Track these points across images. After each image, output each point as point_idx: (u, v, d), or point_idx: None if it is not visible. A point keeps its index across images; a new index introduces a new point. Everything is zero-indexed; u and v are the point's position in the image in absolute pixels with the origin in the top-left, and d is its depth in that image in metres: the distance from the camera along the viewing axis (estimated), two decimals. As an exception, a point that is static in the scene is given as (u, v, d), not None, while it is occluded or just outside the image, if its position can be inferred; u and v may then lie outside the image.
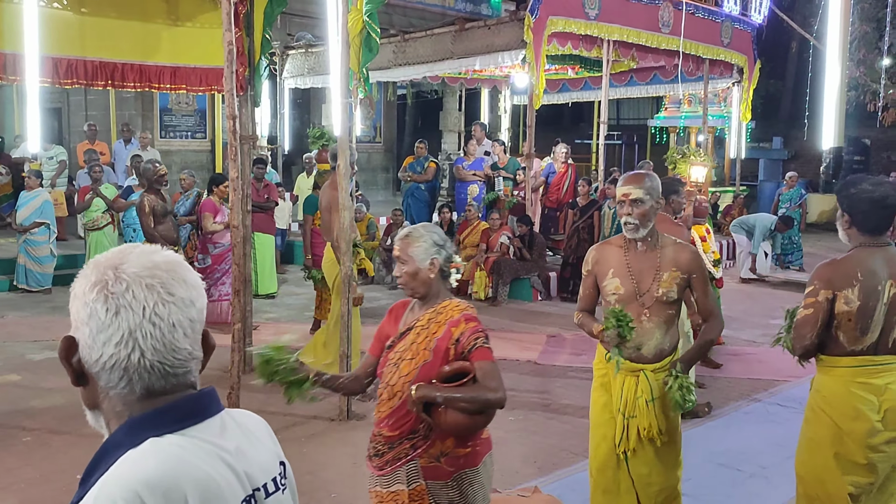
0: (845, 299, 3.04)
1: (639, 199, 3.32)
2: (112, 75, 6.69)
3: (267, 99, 14.01)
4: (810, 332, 3.10)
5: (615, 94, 15.32)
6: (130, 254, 1.24)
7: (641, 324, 3.35)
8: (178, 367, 1.23)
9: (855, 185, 3.15)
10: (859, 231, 3.16)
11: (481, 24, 10.67)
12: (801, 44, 20.94)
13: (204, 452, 1.20)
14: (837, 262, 3.15)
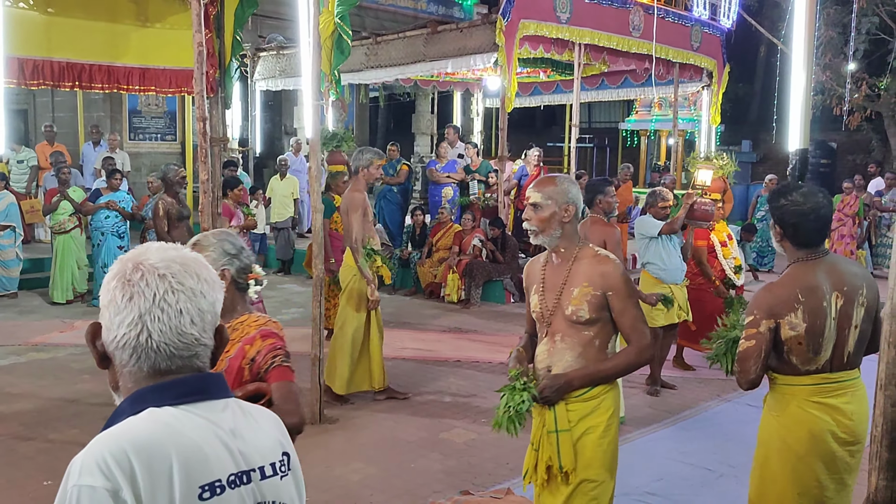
0: (790, 325, 2.87)
1: (537, 204, 3.02)
2: (79, 76, 6.61)
3: (238, 101, 13.91)
4: (754, 364, 2.91)
5: (587, 98, 15.41)
6: (150, 249, 1.39)
7: (554, 345, 3.06)
8: (182, 350, 1.35)
9: (785, 196, 2.98)
10: (793, 245, 3.00)
11: (453, 27, 10.68)
12: (769, 48, 21.22)
13: (197, 425, 1.32)
14: (775, 287, 2.96)
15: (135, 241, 9.89)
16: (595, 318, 2.98)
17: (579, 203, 3.04)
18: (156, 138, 15.19)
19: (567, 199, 3.01)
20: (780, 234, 3.00)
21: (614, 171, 23.69)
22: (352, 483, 4.76)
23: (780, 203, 2.97)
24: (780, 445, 2.99)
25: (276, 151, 15.87)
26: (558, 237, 3.03)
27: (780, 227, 2.99)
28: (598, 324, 3.00)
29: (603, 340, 3.03)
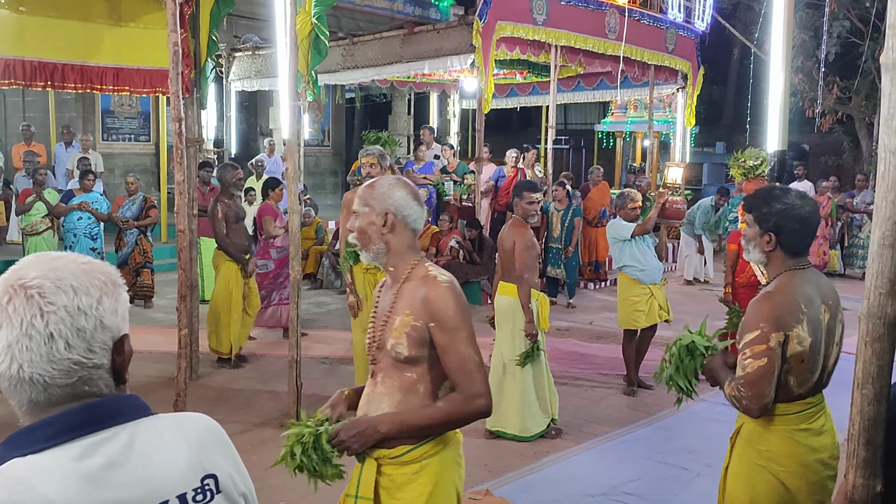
0: (798, 338, 2.58)
1: (354, 212, 2.49)
2: (52, 76, 6.51)
3: (213, 102, 13.80)
4: (769, 386, 2.58)
5: (563, 99, 15.47)
6: (29, 264, 1.24)
7: (375, 388, 2.47)
8: (59, 378, 1.21)
9: (781, 200, 2.72)
10: (786, 253, 2.73)
11: (430, 28, 10.67)
12: (742, 51, 21.44)
13: (55, 475, 1.16)
14: (776, 295, 2.65)
15: (109, 244, 9.78)
16: (416, 357, 2.36)
17: (405, 210, 2.42)
18: (129, 139, 15.03)
19: (386, 205, 2.41)
20: (774, 242, 2.72)
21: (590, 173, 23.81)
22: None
23: (776, 208, 2.71)
24: (769, 488, 2.69)
25: (252, 152, 15.76)
26: (383, 252, 2.44)
27: (774, 235, 2.71)
28: (422, 364, 2.38)
29: (429, 386, 2.39)
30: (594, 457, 5.25)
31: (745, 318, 2.68)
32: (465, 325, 2.35)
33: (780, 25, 5.07)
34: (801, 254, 2.76)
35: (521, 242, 5.40)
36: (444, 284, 2.36)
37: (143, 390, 6.29)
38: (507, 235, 5.51)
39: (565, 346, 8.16)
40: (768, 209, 2.72)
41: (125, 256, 9.39)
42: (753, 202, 2.82)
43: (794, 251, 2.73)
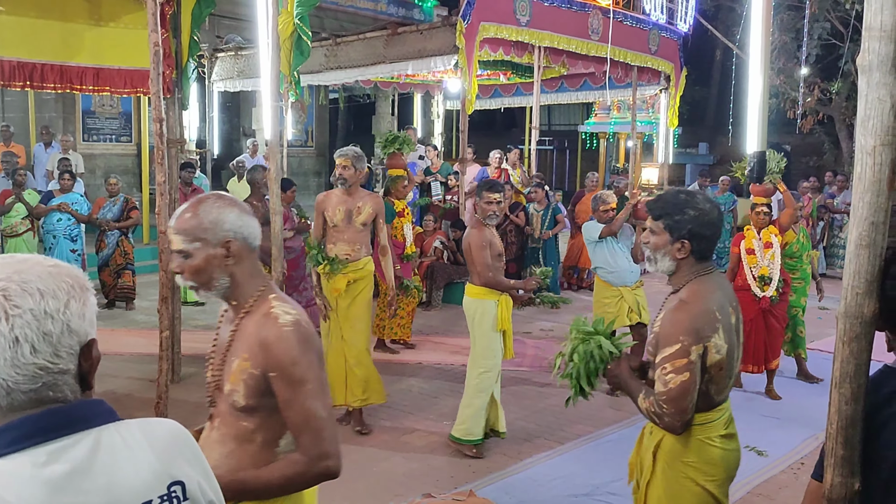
0: (715, 347, 2.53)
1: (182, 251, 2.07)
2: (31, 76, 6.45)
3: (195, 102, 13.72)
4: (691, 401, 2.52)
5: (546, 100, 15.51)
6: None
7: (210, 433, 2.19)
8: (24, 384, 1.18)
9: (693, 206, 2.61)
10: (696, 259, 2.65)
11: (413, 29, 10.67)
12: (724, 52, 21.58)
13: (16, 480, 1.13)
14: (692, 305, 2.56)
15: (90, 245, 9.71)
16: (254, 406, 2.06)
17: (245, 231, 2.12)
18: (110, 139, 14.91)
19: (223, 231, 2.07)
20: (686, 249, 2.62)
21: (574, 173, 23.91)
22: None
23: (690, 214, 2.60)
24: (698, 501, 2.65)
25: (234, 153, 15.69)
26: (227, 287, 2.11)
27: (688, 242, 2.61)
28: (261, 412, 2.07)
29: (267, 435, 2.09)
30: (577, 457, 5.26)
31: (663, 331, 2.56)
32: (310, 375, 2.00)
33: (759, 26, 5.11)
34: (709, 258, 2.69)
35: (475, 242, 5.27)
36: (287, 327, 2.01)
37: (125, 393, 6.24)
38: (465, 237, 5.42)
39: (549, 346, 8.18)
40: (681, 216, 2.60)
41: (106, 258, 9.33)
42: (663, 209, 2.65)
43: (704, 256, 2.65)
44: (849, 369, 2.01)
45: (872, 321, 2.00)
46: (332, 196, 5.70)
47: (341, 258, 5.58)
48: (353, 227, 5.60)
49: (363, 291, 5.70)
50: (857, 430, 1.99)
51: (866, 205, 1.96)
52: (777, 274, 6.44)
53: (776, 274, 6.44)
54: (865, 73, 1.94)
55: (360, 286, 5.69)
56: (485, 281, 5.27)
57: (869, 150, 1.94)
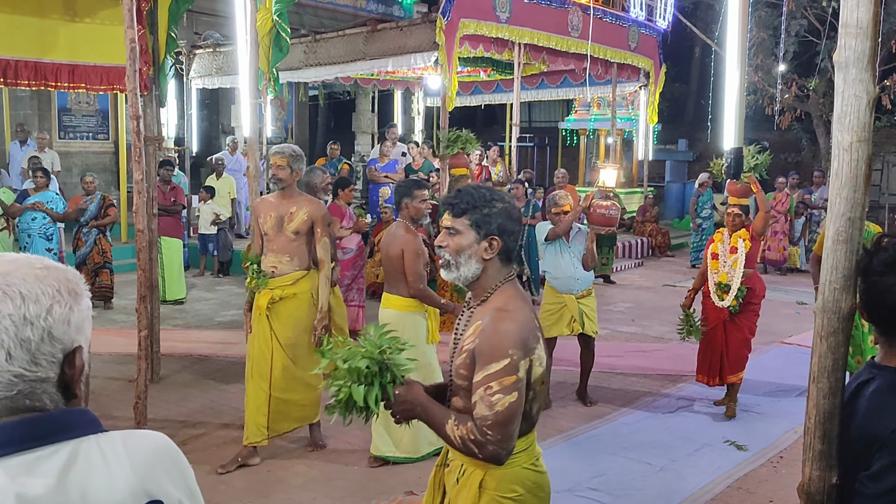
0: (539, 359, 2.22)
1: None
2: (4, 72, 6.35)
3: (174, 99, 13.62)
4: (518, 425, 2.18)
5: (527, 97, 15.53)
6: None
7: None
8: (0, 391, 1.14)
9: (498, 198, 2.32)
10: (503, 261, 2.32)
11: (393, 26, 10.64)
12: (703, 49, 21.69)
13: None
14: (516, 313, 2.22)
15: (68, 243, 9.61)
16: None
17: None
18: (87, 137, 14.76)
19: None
20: (495, 247, 2.28)
21: (554, 170, 23.92)
22: (294, 487, 4.69)
23: (498, 207, 2.29)
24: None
25: (214, 150, 15.57)
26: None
27: (498, 239, 2.28)
28: None
29: None
30: (558, 453, 5.27)
31: (485, 345, 2.16)
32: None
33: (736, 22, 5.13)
34: (512, 261, 2.37)
35: (410, 249, 4.82)
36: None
37: (104, 393, 6.18)
38: (392, 241, 4.91)
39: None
40: (490, 209, 2.27)
41: (84, 256, 9.23)
42: (468, 203, 2.29)
43: (509, 258, 2.34)
44: (826, 364, 2.02)
45: (850, 316, 2.01)
46: (266, 200, 5.14)
47: (267, 271, 4.96)
48: (283, 236, 4.94)
49: (296, 313, 4.96)
50: (834, 424, 2.01)
51: (843, 200, 1.97)
52: (737, 282, 5.94)
53: (736, 282, 5.94)
54: (842, 69, 1.95)
55: (291, 307, 4.95)
56: (415, 293, 4.85)
57: (846, 147, 1.95)
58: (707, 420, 6.01)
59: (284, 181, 4.96)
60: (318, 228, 5.01)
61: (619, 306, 10.08)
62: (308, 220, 4.96)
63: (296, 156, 5.03)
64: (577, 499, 4.59)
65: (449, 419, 2.22)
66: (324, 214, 5.09)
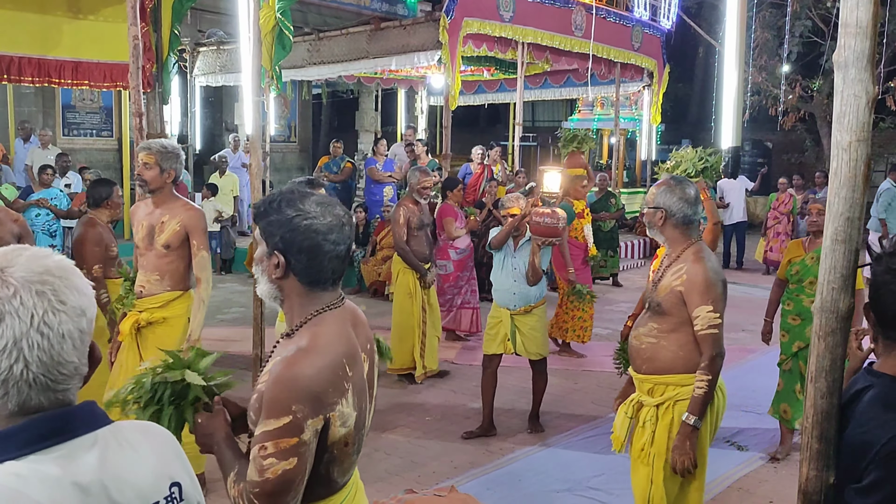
0: (342, 419, 1.84)
1: None
2: (8, 69, 6.39)
3: (177, 97, 13.63)
4: (295, 497, 1.81)
5: (530, 97, 15.53)
6: (20, 256, 1.15)
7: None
8: (60, 383, 1.15)
9: (292, 205, 1.90)
10: (305, 285, 1.91)
11: (397, 24, 10.64)
12: (707, 49, 21.67)
13: (47, 480, 1.10)
14: (316, 358, 1.81)
15: (70, 240, 9.63)
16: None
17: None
18: (91, 134, 14.79)
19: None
20: (281, 267, 1.90)
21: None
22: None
23: (285, 215, 1.89)
24: None
25: (217, 148, 15.60)
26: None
27: (283, 255, 1.89)
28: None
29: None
30: (559, 452, 5.27)
31: (269, 392, 1.78)
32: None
33: (734, 22, 5.14)
34: (327, 286, 1.94)
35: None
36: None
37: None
38: None
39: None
40: (276, 217, 1.90)
41: (86, 253, 9.25)
42: (261, 208, 1.95)
43: (315, 281, 1.91)
44: (825, 364, 2.02)
45: (848, 316, 2.01)
46: (140, 206, 4.44)
47: (136, 291, 4.33)
48: (153, 250, 4.26)
49: (166, 340, 4.10)
50: (832, 424, 2.00)
51: (842, 200, 1.97)
52: None
53: None
54: (841, 69, 1.95)
55: (161, 333, 4.26)
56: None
57: (845, 146, 1.95)
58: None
59: (151, 183, 4.19)
60: (195, 240, 4.29)
61: (621, 306, 10.07)
62: (181, 231, 4.26)
63: (167, 153, 4.23)
64: (576, 498, 4.59)
65: (233, 471, 1.88)
66: (201, 225, 4.34)
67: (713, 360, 3.19)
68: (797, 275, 5.21)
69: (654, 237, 3.40)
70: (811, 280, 5.06)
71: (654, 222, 3.33)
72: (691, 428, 3.19)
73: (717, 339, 3.20)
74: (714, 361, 3.19)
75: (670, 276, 3.27)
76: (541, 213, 5.31)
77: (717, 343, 3.20)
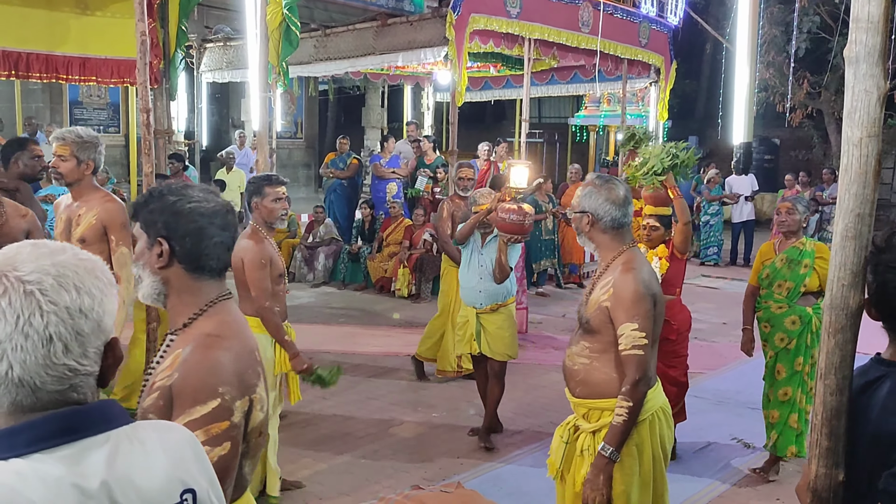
0: (260, 402, 1.82)
1: None
2: (16, 65, 6.39)
3: (184, 93, 13.63)
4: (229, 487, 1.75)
5: (536, 93, 15.48)
6: (27, 253, 1.14)
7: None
8: (51, 384, 1.13)
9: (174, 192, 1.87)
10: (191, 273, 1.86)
11: (403, 20, 10.62)
12: (714, 45, 21.59)
13: (48, 481, 1.08)
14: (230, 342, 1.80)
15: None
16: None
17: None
18: (98, 130, 14.81)
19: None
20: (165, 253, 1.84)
21: (563, 166, 23.88)
22: (301, 478, 4.71)
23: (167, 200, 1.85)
24: None
25: (224, 144, 15.62)
26: None
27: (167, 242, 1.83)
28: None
29: None
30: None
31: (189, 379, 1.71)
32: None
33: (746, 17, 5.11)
34: (210, 273, 1.88)
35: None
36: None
37: (112, 385, 6.22)
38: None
39: (539, 337, 8.21)
40: (157, 204, 1.85)
41: (94, 249, 9.29)
42: (138, 201, 1.91)
43: (198, 265, 1.86)
44: (834, 360, 2.01)
45: (858, 312, 2.00)
46: (63, 200, 4.34)
47: None
48: None
49: None
50: (841, 421, 2.00)
51: (852, 196, 1.95)
52: None
53: None
54: (852, 64, 1.94)
55: None
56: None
57: (855, 142, 1.94)
58: (714, 417, 6.00)
59: (68, 176, 4.02)
60: (113, 235, 4.10)
61: (628, 303, 10.07)
62: (98, 225, 4.09)
63: (83, 143, 4.04)
64: (583, 494, 4.59)
65: None
66: (121, 218, 4.15)
67: (635, 386, 2.78)
68: (767, 278, 4.88)
69: (583, 245, 3.05)
70: (780, 283, 4.82)
71: (581, 228, 2.97)
72: (606, 460, 2.80)
73: (641, 362, 2.78)
74: (636, 387, 2.78)
75: (599, 289, 2.91)
76: (506, 209, 4.94)
77: (640, 366, 2.78)
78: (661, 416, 2.94)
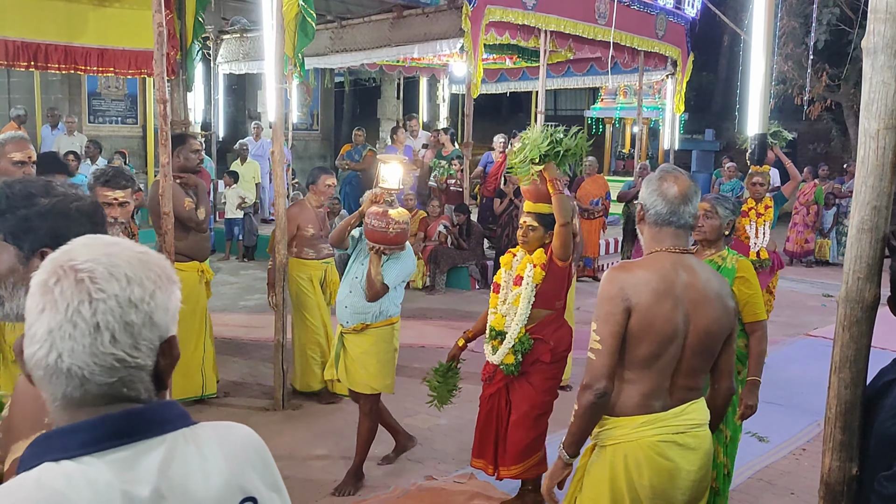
0: None
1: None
2: (35, 56, 6.44)
3: (201, 84, 13.70)
4: None
5: (552, 85, 15.44)
6: (83, 244, 1.15)
7: None
8: (99, 375, 1.10)
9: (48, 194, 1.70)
10: None
11: (419, 12, 10.62)
12: (732, 38, 21.43)
13: (93, 486, 1.06)
14: None
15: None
16: None
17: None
18: (116, 121, 14.92)
19: None
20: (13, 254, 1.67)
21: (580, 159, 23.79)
22: (314, 469, 4.74)
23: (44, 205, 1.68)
24: None
25: (240, 136, 15.68)
26: None
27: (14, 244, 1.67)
28: None
29: None
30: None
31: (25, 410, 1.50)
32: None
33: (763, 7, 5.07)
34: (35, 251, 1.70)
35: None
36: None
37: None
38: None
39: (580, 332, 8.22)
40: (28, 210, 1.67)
41: (111, 239, 9.36)
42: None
43: None
44: (849, 354, 2.00)
45: (873, 306, 1.99)
46: None
47: None
48: None
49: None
50: (855, 414, 1.99)
51: (869, 188, 1.94)
52: (516, 328, 4.01)
53: (514, 328, 4.01)
54: (870, 55, 1.93)
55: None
56: None
57: (872, 134, 1.93)
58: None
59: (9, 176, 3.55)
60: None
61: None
62: None
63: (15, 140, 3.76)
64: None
65: None
66: None
67: (581, 390, 2.46)
68: None
69: None
70: None
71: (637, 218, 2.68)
72: (562, 463, 2.60)
73: (591, 367, 2.44)
74: (582, 391, 2.45)
75: None
76: (371, 212, 4.26)
77: (589, 370, 2.44)
78: (641, 460, 2.47)
